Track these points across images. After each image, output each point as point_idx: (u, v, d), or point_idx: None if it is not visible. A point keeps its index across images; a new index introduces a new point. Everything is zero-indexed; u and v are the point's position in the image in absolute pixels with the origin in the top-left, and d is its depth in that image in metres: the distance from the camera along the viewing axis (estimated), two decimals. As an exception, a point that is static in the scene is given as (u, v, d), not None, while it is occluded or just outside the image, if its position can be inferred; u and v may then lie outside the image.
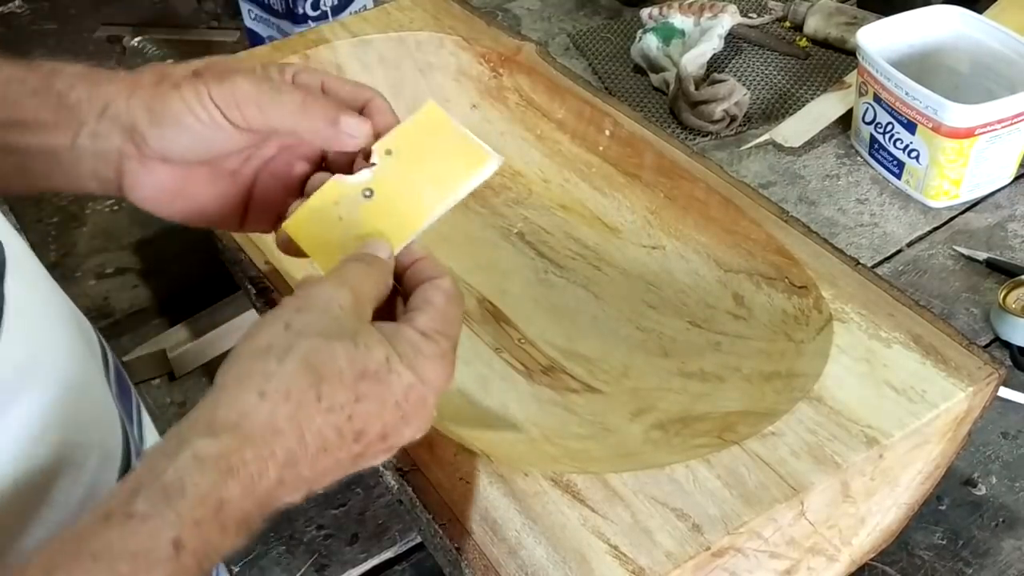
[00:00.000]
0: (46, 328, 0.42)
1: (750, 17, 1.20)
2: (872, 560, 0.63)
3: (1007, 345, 0.80)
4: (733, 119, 1.03)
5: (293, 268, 0.67)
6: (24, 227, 0.46)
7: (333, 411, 0.37)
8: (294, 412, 0.36)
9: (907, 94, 0.90)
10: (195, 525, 0.33)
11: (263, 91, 0.43)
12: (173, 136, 0.44)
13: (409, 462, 0.52)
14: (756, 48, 1.17)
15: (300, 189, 0.48)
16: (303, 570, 0.66)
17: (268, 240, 0.67)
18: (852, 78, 1.04)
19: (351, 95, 0.47)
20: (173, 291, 0.88)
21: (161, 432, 0.54)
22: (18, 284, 0.39)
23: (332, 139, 0.45)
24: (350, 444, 0.38)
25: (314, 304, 0.39)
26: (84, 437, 0.42)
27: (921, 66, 0.95)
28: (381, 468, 0.54)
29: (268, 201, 0.49)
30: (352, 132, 0.44)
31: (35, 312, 0.41)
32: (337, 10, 1.07)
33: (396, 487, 0.54)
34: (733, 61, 1.15)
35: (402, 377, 0.39)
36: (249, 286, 0.67)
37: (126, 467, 0.45)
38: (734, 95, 1.02)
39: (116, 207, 0.98)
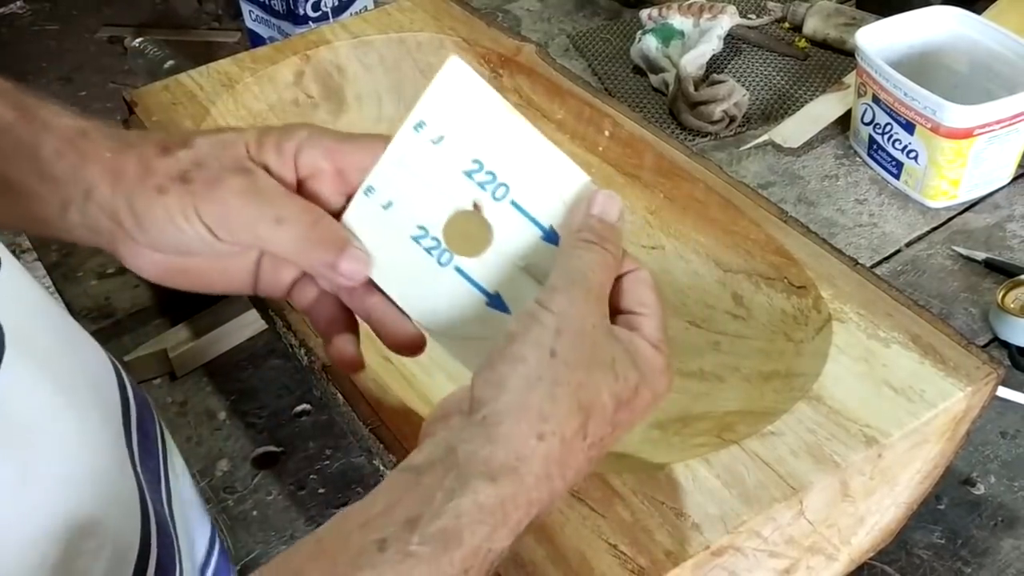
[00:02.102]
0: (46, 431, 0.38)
1: (749, 18, 1.21)
2: (871, 559, 0.63)
3: (1005, 345, 0.80)
4: (732, 120, 1.03)
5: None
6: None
7: (593, 446, 0.37)
8: (564, 456, 0.35)
9: (906, 95, 0.90)
10: (463, 574, 0.33)
11: (259, 216, 0.40)
12: (158, 240, 0.41)
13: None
14: (755, 49, 1.17)
15: None
16: (304, 569, 0.66)
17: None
18: (851, 79, 1.04)
19: (362, 153, 0.43)
20: (174, 291, 0.88)
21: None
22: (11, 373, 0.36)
23: (328, 278, 0.43)
24: (594, 466, 0.38)
25: (571, 324, 0.37)
26: (90, 541, 0.38)
27: (920, 67, 0.95)
28: (381, 467, 0.55)
29: (278, 273, 0.45)
30: (349, 276, 0.42)
31: (32, 418, 0.37)
32: (338, 11, 1.07)
33: (397, 486, 0.54)
34: (732, 62, 1.15)
35: (644, 398, 0.39)
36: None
37: (143, 559, 0.41)
38: (733, 96, 1.02)
39: (117, 207, 0.98)
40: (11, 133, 0.42)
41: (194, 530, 0.51)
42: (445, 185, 0.42)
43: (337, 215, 0.43)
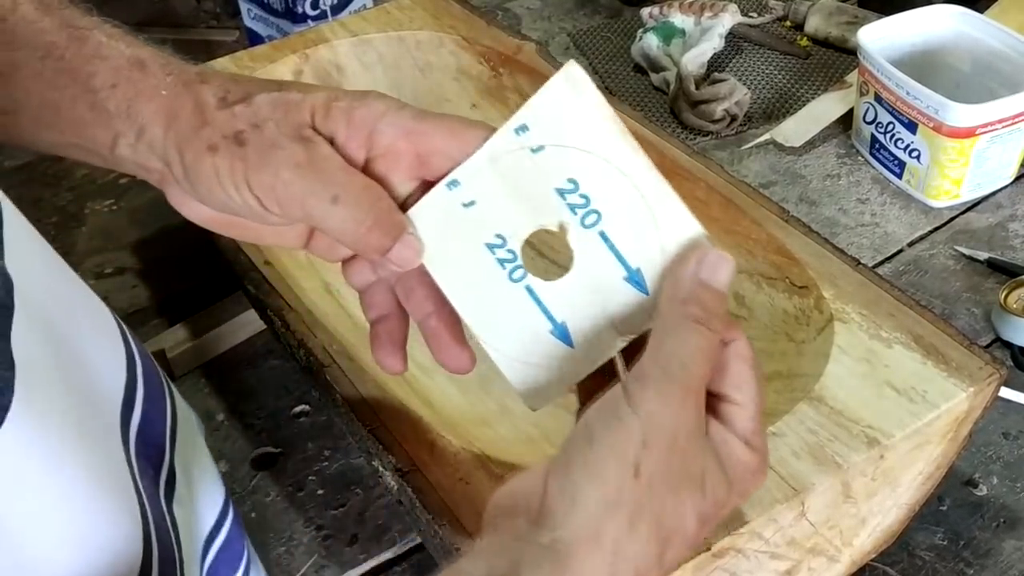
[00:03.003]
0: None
1: (751, 16, 1.20)
2: (873, 561, 0.63)
3: (1008, 345, 0.80)
4: (734, 119, 1.03)
5: (293, 268, 0.67)
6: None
7: (668, 571, 0.34)
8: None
9: (908, 94, 0.90)
10: None
11: (311, 192, 0.37)
12: (206, 197, 0.39)
13: (409, 462, 0.52)
14: (757, 47, 1.17)
15: None
16: (303, 570, 0.66)
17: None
18: (853, 78, 1.04)
19: (450, 140, 0.39)
20: (172, 291, 0.88)
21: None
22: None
23: (378, 262, 0.41)
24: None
25: (661, 435, 0.33)
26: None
27: (922, 65, 0.95)
28: (380, 468, 0.54)
29: (334, 245, 0.42)
30: (399, 263, 0.40)
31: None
32: (337, 9, 1.07)
33: (396, 488, 0.53)
34: (734, 60, 1.15)
35: (729, 506, 0.35)
36: (248, 286, 0.67)
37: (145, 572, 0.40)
38: (735, 95, 1.02)
39: (115, 207, 0.98)
40: (62, 58, 0.39)
41: (202, 508, 0.50)
42: (534, 198, 0.39)
43: (403, 202, 0.40)
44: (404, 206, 0.40)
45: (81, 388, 0.40)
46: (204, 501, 0.51)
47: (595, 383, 0.40)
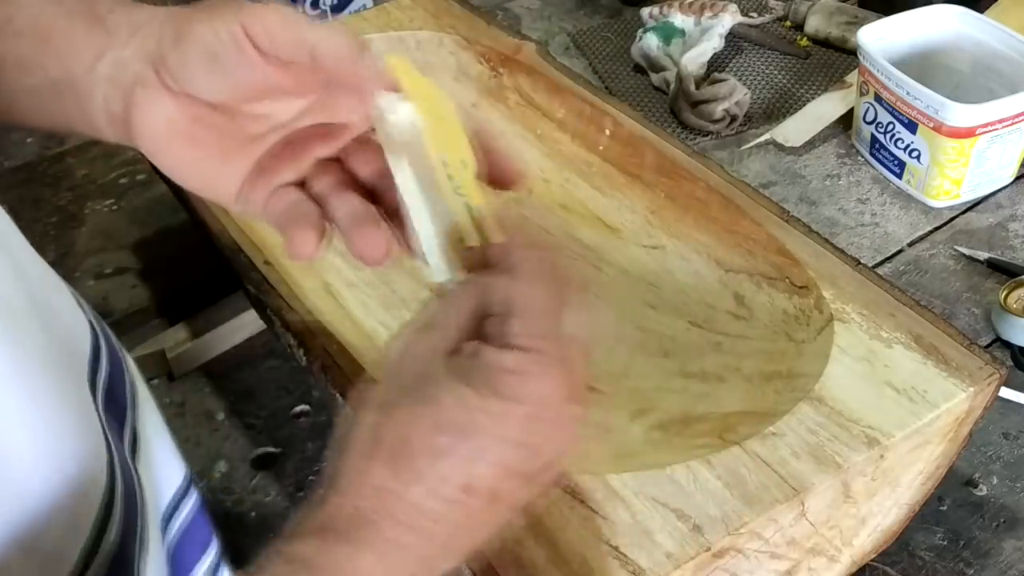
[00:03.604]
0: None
1: (751, 16, 1.20)
2: (873, 561, 0.63)
3: (1008, 345, 0.80)
4: (734, 119, 1.03)
5: (293, 268, 0.67)
6: (21, 227, 0.45)
7: (416, 485, 0.34)
8: (379, 505, 0.34)
9: (908, 94, 0.90)
10: None
11: (305, 27, 0.39)
12: (195, 61, 0.40)
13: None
14: (757, 47, 1.17)
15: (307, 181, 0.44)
16: (302, 571, 0.66)
17: (268, 239, 0.67)
18: (853, 78, 1.04)
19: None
20: (172, 291, 0.88)
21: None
22: None
23: (363, 90, 0.40)
24: (466, 501, 0.35)
25: (388, 369, 0.36)
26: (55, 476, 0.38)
27: (922, 66, 0.95)
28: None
29: (269, 177, 0.43)
30: (384, 84, 0.40)
31: None
32: (336, 9, 1.07)
33: (395, 487, 0.54)
34: (734, 60, 1.15)
35: (488, 411, 0.34)
36: (248, 286, 0.67)
37: (109, 502, 0.41)
38: (735, 95, 1.02)
39: (115, 207, 0.98)
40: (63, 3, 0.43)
41: (161, 480, 0.51)
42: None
43: None
44: None
45: (53, 330, 0.41)
46: (162, 475, 0.51)
47: None
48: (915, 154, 0.93)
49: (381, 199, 0.43)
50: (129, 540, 0.43)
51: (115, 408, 0.47)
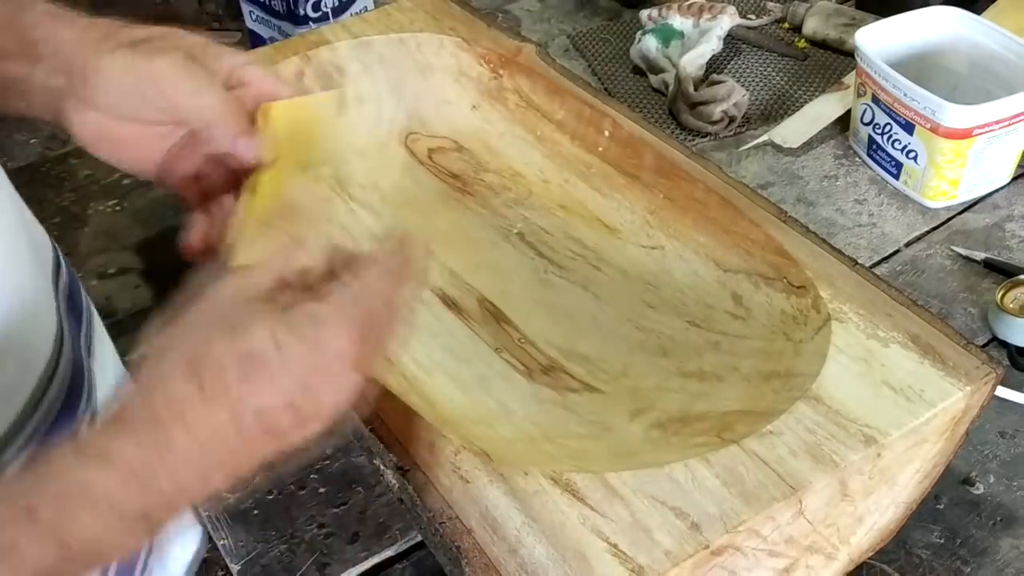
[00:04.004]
0: None
1: (749, 18, 1.21)
2: (870, 559, 0.64)
3: (1004, 345, 0.80)
4: (732, 120, 1.03)
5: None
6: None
7: (215, 400, 0.37)
8: (175, 412, 0.37)
9: (905, 95, 0.91)
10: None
11: (187, 81, 0.49)
12: (103, 94, 0.49)
13: (410, 461, 0.52)
14: (755, 49, 1.17)
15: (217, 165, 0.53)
16: (304, 568, 0.67)
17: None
18: (850, 79, 1.04)
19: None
20: (175, 291, 0.88)
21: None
22: None
23: (231, 149, 0.51)
24: (252, 425, 0.38)
25: (202, 302, 0.43)
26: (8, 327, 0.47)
27: (919, 67, 0.95)
28: (381, 467, 0.55)
29: (177, 164, 0.53)
30: (243, 154, 0.51)
31: None
32: (338, 11, 1.07)
33: (397, 486, 0.54)
34: (732, 62, 1.15)
35: (292, 349, 0.38)
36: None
37: (53, 368, 0.51)
38: (733, 96, 1.02)
39: (118, 207, 0.98)
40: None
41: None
42: None
43: None
44: None
45: (27, 223, 0.53)
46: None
47: None
48: (912, 155, 0.93)
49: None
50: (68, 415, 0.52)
51: (74, 311, 0.56)
